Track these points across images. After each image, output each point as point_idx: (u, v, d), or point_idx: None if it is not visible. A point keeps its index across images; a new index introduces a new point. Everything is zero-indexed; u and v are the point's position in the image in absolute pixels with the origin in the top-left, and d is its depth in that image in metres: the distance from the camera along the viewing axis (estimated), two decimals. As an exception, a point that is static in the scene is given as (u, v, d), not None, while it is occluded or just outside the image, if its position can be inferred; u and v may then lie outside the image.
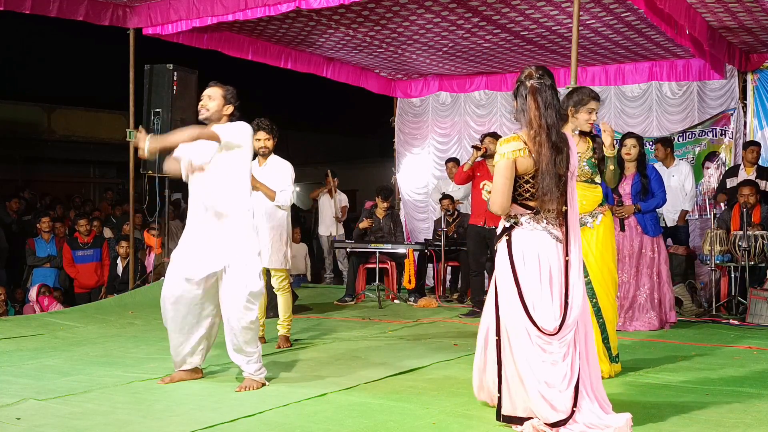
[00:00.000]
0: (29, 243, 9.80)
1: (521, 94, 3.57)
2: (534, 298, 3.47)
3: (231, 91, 4.67)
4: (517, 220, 3.57)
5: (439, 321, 7.35)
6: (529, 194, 3.53)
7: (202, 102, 4.63)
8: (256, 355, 4.50)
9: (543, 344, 3.43)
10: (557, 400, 3.38)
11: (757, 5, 7.66)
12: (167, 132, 8.42)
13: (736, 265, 7.73)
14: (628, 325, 6.60)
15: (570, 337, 3.48)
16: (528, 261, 3.50)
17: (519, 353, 3.47)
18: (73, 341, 6.17)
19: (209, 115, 4.59)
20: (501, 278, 3.56)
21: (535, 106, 3.49)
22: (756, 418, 3.73)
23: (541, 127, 3.47)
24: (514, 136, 3.54)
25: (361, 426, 3.62)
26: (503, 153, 3.50)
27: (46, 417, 3.78)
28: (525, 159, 3.48)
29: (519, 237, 3.54)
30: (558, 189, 3.49)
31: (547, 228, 3.55)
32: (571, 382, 3.42)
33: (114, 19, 8.63)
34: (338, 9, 8.16)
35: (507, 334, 3.52)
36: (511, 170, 3.49)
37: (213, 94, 4.62)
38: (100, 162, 19.16)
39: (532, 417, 3.46)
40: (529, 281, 3.48)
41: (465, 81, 11.69)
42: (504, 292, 3.53)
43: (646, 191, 6.67)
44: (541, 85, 3.52)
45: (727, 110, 9.85)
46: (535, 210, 3.54)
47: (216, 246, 4.44)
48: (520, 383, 3.48)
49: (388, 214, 9.42)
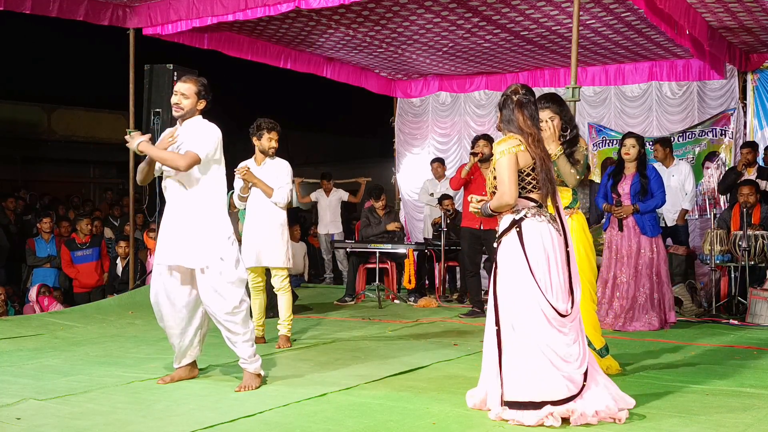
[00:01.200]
0: (29, 243, 9.80)
1: (508, 106, 3.91)
2: (547, 283, 3.73)
3: (204, 85, 4.60)
4: (526, 212, 3.81)
5: (439, 321, 7.35)
6: (531, 186, 3.83)
7: (175, 100, 4.55)
8: (247, 335, 4.45)
9: (559, 326, 3.69)
10: (574, 375, 3.65)
11: (757, 5, 7.66)
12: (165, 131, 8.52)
13: (736, 265, 7.73)
14: (628, 325, 6.60)
15: (578, 320, 3.79)
16: (538, 249, 3.76)
17: (536, 336, 3.65)
18: (73, 341, 6.17)
19: (183, 113, 4.55)
20: (512, 267, 3.77)
21: (522, 118, 3.86)
22: (756, 418, 3.73)
23: (533, 133, 3.85)
24: (510, 136, 3.86)
25: (361, 426, 3.62)
26: (503, 150, 3.80)
27: (46, 417, 3.78)
28: (524, 153, 3.80)
29: (529, 227, 3.79)
30: (552, 184, 3.85)
31: (549, 221, 3.83)
32: (584, 361, 3.70)
33: (114, 19, 8.62)
34: (338, 9, 8.16)
35: (516, 322, 3.69)
36: (515, 163, 3.78)
37: (187, 92, 4.54)
38: (100, 162, 19.17)
39: (532, 401, 3.57)
40: (541, 268, 3.73)
41: (465, 81, 11.70)
42: (515, 281, 3.74)
43: (645, 191, 6.66)
44: (527, 101, 3.89)
45: (727, 110, 9.86)
46: (538, 203, 3.83)
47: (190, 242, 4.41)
48: (525, 369, 3.62)
49: (388, 214, 9.42)
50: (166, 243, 4.50)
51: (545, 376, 3.60)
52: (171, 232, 4.50)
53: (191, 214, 4.46)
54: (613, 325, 6.62)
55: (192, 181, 4.47)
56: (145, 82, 8.71)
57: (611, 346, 5.73)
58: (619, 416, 3.62)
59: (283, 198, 5.79)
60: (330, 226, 11.17)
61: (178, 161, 4.38)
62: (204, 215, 4.46)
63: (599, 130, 10.80)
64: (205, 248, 4.40)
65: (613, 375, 4.68)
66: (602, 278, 6.78)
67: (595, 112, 10.86)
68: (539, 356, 3.63)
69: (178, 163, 4.38)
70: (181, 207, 4.50)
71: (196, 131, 4.50)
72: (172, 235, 4.48)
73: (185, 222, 4.46)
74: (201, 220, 4.45)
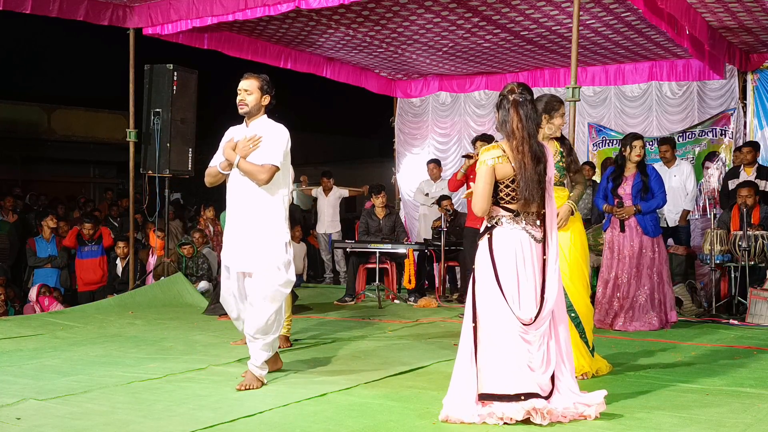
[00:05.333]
0: (29, 243, 9.80)
1: (504, 107, 3.85)
2: (512, 291, 3.75)
3: (266, 80, 4.59)
4: (498, 220, 3.84)
5: (439, 321, 7.35)
6: (509, 197, 3.81)
7: (240, 97, 4.54)
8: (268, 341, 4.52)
9: (522, 333, 3.71)
10: (540, 380, 3.69)
11: (757, 5, 7.66)
12: (166, 132, 8.52)
13: (736, 265, 7.72)
14: (628, 325, 6.60)
15: (544, 328, 3.76)
16: (507, 257, 3.78)
17: (501, 341, 3.70)
18: (73, 341, 6.17)
19: (249, 109, 4.54)
20: (481, 273, 3.82)
21: (517, 119, 3.79)
22: (756, 418, 3.73)
23: (523, 137, 3.77)
24: (495, 146, 3.86)
25: (361, 426, 3.62)
26: (483, 161, 3.81)
27: (46, 417, 3.78)
28: (503, 166, 3.78)
29: (499, 235, 3.82)
30: (539, 194, 3.79)
31: (526, 228, 3.82)
32: (548, 367, 3.73)
33: (114, 19, 8.62)
34: (338, 9, 8.16)
35: (486, 323, 3.74)
36: (491, 176, 3.78)
37: (250, 87, 4.53)
38: (100, 162, 19.19)
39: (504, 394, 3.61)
40: (507, 275, 3.76)
41: (465, 81, 11.70)
42: (484, 286, 3.79)
43: (647, 191, 6.67)
44: (523, 99, 3.82)
45: (727, 110, 9.86)
46: (515, 212, 3.82)
47: (250, 246, 4.50)
48: (498, 363, 3.67)
49: (389, 215, 9.41)
50: (234, 247, 4.55)
51: (517, 371, 3.64)
52: (238, 236, 4.54)
53: (256, 219, 4.51)
54: (613, 325, 6.63)
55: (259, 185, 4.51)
56: (145, 82, 8.70)
57: (612, 346, 5.76)
58: (588, 413, 3.66)
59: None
60: (329, 226, 11.16)
61: (260, 175, 4.43)
62: (266, 220, 4.51)
63: (599, 130, 10.80)
64: (263, 255, 4.47)
65: (602, 375, 4.69)
66: (603, 278, 6.78)
67: (595, 112, 10.86)
68: (510, 354, 3.67)
69: (260, 177, 4.43)
70: (246, 210, 4.53)
71: (269, 137, 4.51)
72: (239, 239, 4.53)
73: (250, 226, 4.51)
74: (263, 226, 4.50)
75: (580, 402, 3.70)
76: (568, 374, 3.82)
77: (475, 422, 3.59)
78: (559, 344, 3.84)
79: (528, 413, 3.57)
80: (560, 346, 3.84)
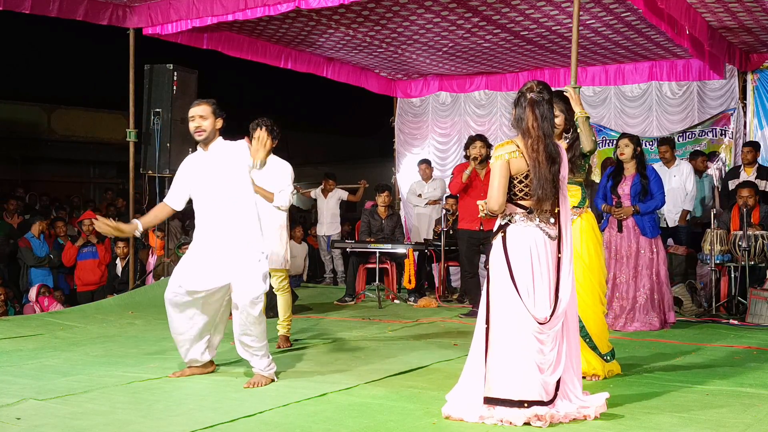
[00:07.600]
0: (25, 243, 9.78)
1: (521, 104, 3.84)
2: (528, 289, 3.72)
3: (215, 103, 4.71)
4: (512, 218, 3.82)
5: (439, 321, 7.35)
6: (522, 193, 3.79)
7: (196, 123, 4.62)
8: (264, 350, 4.55)
9: (537, 333, 3.68)
10: (548, 381, 3.67)
11: (757, 5, 7.66)
12: (166, 132, 8.52)
13: (736, 265, 7.72)
14: (628, 325, 6.60)
15: (558, 328, 3.74)
16: (522, 255, 3.75)
17: (513, 341, 3.67)
18: (73, 341, 6.17)
19: (207, 135, 4.64)
20: (496, 271, 3.79)
21: (532, 117, 3.78)
22: (756, 418, 3.73)
23: (538, 137, 3.76)
24: (508, 141, 3.83)
25: (361, 426, 3.62)
26: (498, 155, 3.79)
27: (46, 417, 3.78)
28: (517, 160, 3.77)
29: (513, 233, 3.80)
30: (553, 193, 3.78)
31: (540, 225, 3.79)
32: (557, 369, 3.70)
33: (114, 19, 8.62)
34: (338, 9, 8.16)
35: (499, 323, 3.71)
36: (506, 170, 3.77)
37: (204, 113, 4.63)
38: (100, 162, 19.18)
39: (508, 399, 3.59)
40: (522, 273, 3.73)
41: (465, 81, 11.70)
42: (499, 284, 3.76)
43: (645, 192, 6.67)
44: (540, 99, 3.80)
45: (727, 110, 9.86)
46: (528, 209, 3.80)
47: (222, 260, 4.51)
48: (506, 368, 3.64)
49: (391, 216, 9.41)
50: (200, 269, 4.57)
51: (524, 377, 3.62)
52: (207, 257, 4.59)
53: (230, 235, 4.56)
54: (613, 326, 6.62)
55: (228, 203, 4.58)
56: (145, 82, 8.71)
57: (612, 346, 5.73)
58: (588, 413, 3.67)
59: (285, 201, 5.78)
60: (328, 227, 11.15)
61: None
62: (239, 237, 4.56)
63: (599, 130, 10.79)
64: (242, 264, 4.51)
65: (609, 378, 4.69)
66: (602, 279, 6.78)
67: (595, 112, 10.85)
68: (519, 358, 3.64)
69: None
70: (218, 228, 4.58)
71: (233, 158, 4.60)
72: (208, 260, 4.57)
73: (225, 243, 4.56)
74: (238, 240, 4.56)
75: (583, 406, 3.71)
76: (576, 380, 3.80)
77: (475, 422, 3.61)
78: (570, 347, 3.82)
79: (529, 419, 3.57)
80: (571, 349, 3.82)
